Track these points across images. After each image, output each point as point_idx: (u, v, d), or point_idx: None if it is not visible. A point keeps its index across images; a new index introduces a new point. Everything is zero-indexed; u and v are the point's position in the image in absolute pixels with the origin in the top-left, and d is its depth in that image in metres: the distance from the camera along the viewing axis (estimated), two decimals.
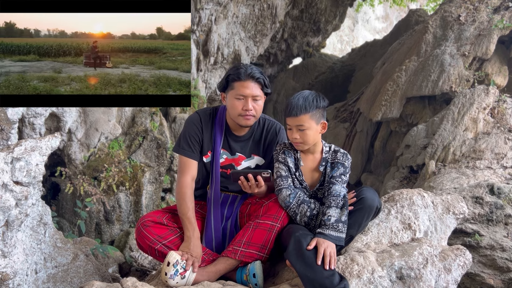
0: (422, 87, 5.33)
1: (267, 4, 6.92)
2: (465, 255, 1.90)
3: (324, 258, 1.72)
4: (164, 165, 4.98)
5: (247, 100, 2.03)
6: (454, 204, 2.26)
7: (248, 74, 2.02)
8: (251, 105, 2.04)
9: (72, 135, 4.33)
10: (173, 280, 1.87)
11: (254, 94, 2.04)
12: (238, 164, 2.21)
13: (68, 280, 2.47)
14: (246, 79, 2.02)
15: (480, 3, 5.62)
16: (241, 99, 2.04)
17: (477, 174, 4.01)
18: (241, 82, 2.03)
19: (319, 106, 1.97)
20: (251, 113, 2.05)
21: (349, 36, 16.34)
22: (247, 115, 2.05)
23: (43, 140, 2.25)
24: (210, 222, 2.14)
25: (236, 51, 6.88)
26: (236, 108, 2.05)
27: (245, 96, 2.03)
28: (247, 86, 2.03)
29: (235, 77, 2.04)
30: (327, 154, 2.08)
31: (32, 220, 2.29)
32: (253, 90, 2.04)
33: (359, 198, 1.95)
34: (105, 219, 4.49)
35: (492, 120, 4.62)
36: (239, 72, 2.04)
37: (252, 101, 2.04)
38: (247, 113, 2.05)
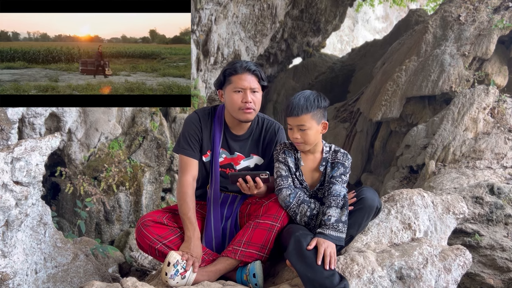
0: (422, 87, 5.33)
1: (267, 4, 6.92)
2: (465, 255, 1.90)
3: (324, 258, 1.72)
4: (164, 165, 4.98)
5: (246, 93, 2.04)
6: (454, 204, 2.26)
7: (244, 67, 2.04)
8: (250, 97, 2.04)
9: (72, 135, 4.33)
10: (173, 280, 1.87)
11: (252, 86, 2.05)
12: (237, 164, 2.21)
13: (68, 280, 2.47)
14: (243, 72, 2.04)
15: (480, 3, 5.62)
16: (240, 91, 2.05)
17: (477, 174, 4.01)
18: (238, 75, 2.04)
19: (321, 106, 1.97)
20: (251, 105, 2.05)
21: (349, 36, 16.34)
22: (247, 108, 2.05)
23: (43, 140, 2.25)
24: (210, 222, 2.14)
25: (236, 51, 6.88)
26: (236, 101, 2.05)
27: (243, 89, 2.04)
28: (245, 79, 2.04)
29: (232, 71, 2.05)
30: (327, 154, 2.08)
31: (32, 220, 2.29)
32: (251, 82, 2.05)
33: (359, 198, 1.95)
34: (105, 219, 4.49)
35: (492, 120, 4.62)
36: (235, 66, 2.05)
37: (250, 94, 2.05)
38: (247, 105, 2.05)
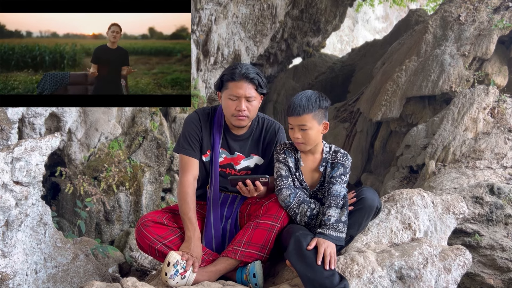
0: (422, 87, 5.33)
1: (267, 4, 6.92)
2: (465, 255, 1.90)
3: (324, 258, 1.72)
4: (164, 165, 4.98)
5: (240, 101, 2.02)
6: (454, 204, 2.26)
7: (242, 74, 2.00)
8: (244, 106, 2.02)
9: (72, 135, 4.33)
10: (173, 280, 1.87)
11: (248, 94, 2.02)
12: (237, 164, 2.21)
13: (68, 280, 2.47)
14: (240, 79, 2.00)
15: (480, 3, 5.62)
16: (234, 99, 2.03)
17: (477, 174, 4.01)
18: (235, 82, 2.01)
19: (322, 106, 1.97)
20: (244, 113, 2.04)
21: (349, 36, 16.34)
22: (240, 115, 2.04)
23: (43, 140, 2.25)
24: (210, 222, 2.14)
25: (236, 51, 6.88)
26: (229, 108, 2.05)
27: (238, 97, 2.02)
28: (240, 87, 2.01)
29: (229, 77, 2.03)
30: (327, 154, 2.08)
31: (32, 220, 2.29)
32: (246, 90, 2.01)
33: (359, 198, 1.95)
34: (105, 219, 4.49)
35: (492, 120, 4.62)
36: (234, 72, 2.02)
37: (245, 102, 2.03)
38: (239, 114, 2.03)
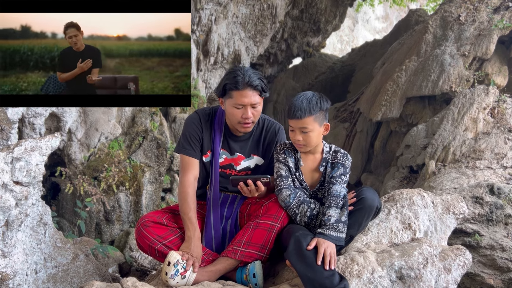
0: (422, 87, 5.33)
1: (267, 4, 6.92)
2: (465, 255, 1.90)
3: (324, 258, 1.72)
4: (164, 165, 4.98)
5: (246, 109, 2.01)
6: (454, 204, 2.26)
7: (246, 83, 1.97)
8: (250, 113, 2.02)
9: (72, 135, 4.33)
10: (174, 280, 1.87)
11: (253, 102, 2.01)
12: (237, 164, 2.21)
13: (68, 280, 2.47)
14: (244, 88, 1.98)
15: (480, 3, 5.62)
16: (240, 108, 2.02)
17: (477, 174, 4.01)
18: (239, 91, 1.98)
19: (323, 108, 1.97)
20: (250, 120, 2.04)
21: (349, 36, 16.34)
22: (246, 123, 2.04)
23: (43, 140, 2.25)
24: (210, 222, 2.14)
25: (236, 51, 6.88)
26: (235, 116, 2.04)
27: (243, 105, 2.01)
28: (246, 95, 1.98)
29: (233, 86, 1.99)
30: (327, 154, 2.07)
31: (32, 220, 2.29)
32: (252, 98, 2.00)
33: (359, 198, 1.95)
34: (105, 219, 4.49)
35: (492, 120, 4.62)
36: (237, 80, 1.97)
37: (251, 109, 2.02)
38: (246, 121, 2.04)
